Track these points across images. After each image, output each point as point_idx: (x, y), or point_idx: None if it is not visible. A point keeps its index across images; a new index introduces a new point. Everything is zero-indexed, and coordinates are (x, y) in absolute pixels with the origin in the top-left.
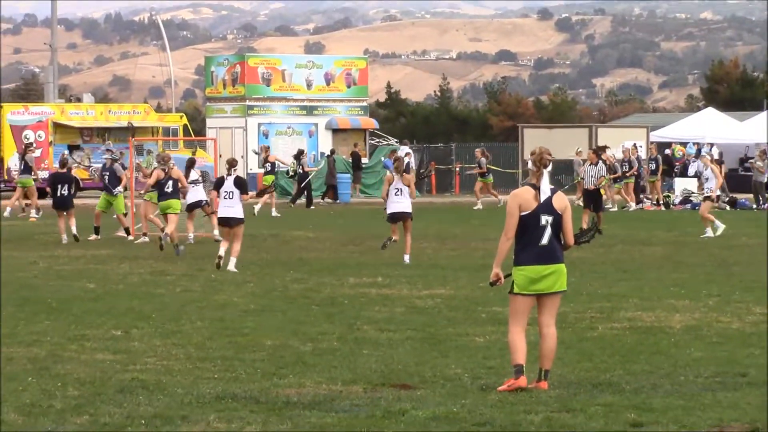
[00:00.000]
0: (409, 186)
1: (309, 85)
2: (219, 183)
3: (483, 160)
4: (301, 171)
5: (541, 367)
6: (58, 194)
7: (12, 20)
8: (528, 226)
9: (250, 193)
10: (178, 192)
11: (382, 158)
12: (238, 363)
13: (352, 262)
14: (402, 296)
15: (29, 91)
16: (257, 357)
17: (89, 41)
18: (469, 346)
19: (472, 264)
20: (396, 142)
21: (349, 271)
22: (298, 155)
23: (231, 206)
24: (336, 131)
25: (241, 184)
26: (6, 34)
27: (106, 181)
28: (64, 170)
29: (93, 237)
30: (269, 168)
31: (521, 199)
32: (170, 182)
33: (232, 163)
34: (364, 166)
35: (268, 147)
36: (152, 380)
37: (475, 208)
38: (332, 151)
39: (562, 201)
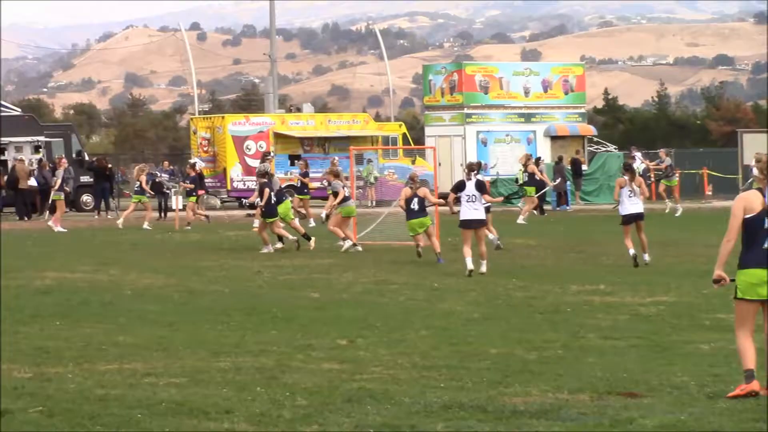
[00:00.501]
0: (640, 187)
1: (526, 93)
2: (459, 186)
3: (668, 159)
4: (538, 178)
5: None
6: (272, 202)
7: (231, 31)
8: (751, 229)
9: (493, 197)
10: (425, 209)
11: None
12: (464, 372)
13: (574, 270)
14: (625, 303)
15: (250, 102)
16: (482, 366)
17: (308, 51)
18: (695, 353)
19: (695, 270)
20: (614, 148)
21: (572, 278)
22: (536, 162)
23: (475, 209)
24: (554, 138)
25: (481, 187)
26: (226, 45)
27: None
28: (265, 179)
29: (311, 244)
30: (527, 179)
31: (746, 201)
32: (416, 200)
33: (471, 167)
34: (584, 172)
35: (530, 155)
36: (379, 389)
37: (666, 211)
38: (560, 158)
39: None
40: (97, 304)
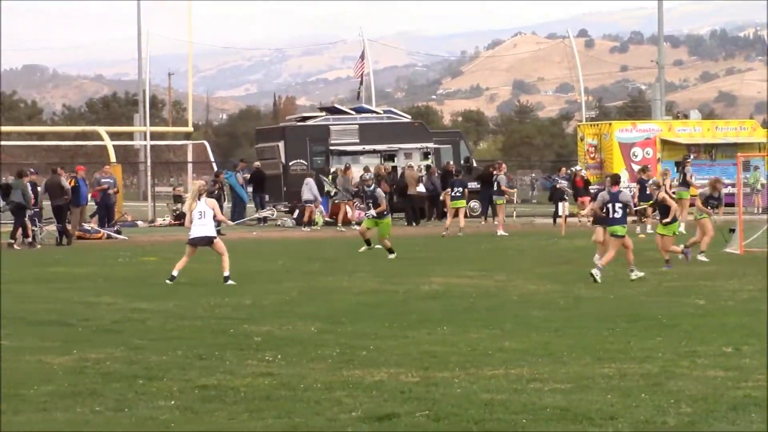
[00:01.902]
0: None
1: None
2: None
3: None
4: None
5: None
6: None
7: (619, 38)
8: None
9: None
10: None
11: None
12: None
13: None
14: None
15: (636, 109)
16: None
17: (695, 58)
18: None
19: None
20: None
21: None
22: None
23: None
24: None
25: None
26: (613, 51)
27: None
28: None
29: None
30: None
31: None
32: None
33: None
34: None
35: None
36: (764, 397)
37: None
38: None
39: None
40: (482, 310)
